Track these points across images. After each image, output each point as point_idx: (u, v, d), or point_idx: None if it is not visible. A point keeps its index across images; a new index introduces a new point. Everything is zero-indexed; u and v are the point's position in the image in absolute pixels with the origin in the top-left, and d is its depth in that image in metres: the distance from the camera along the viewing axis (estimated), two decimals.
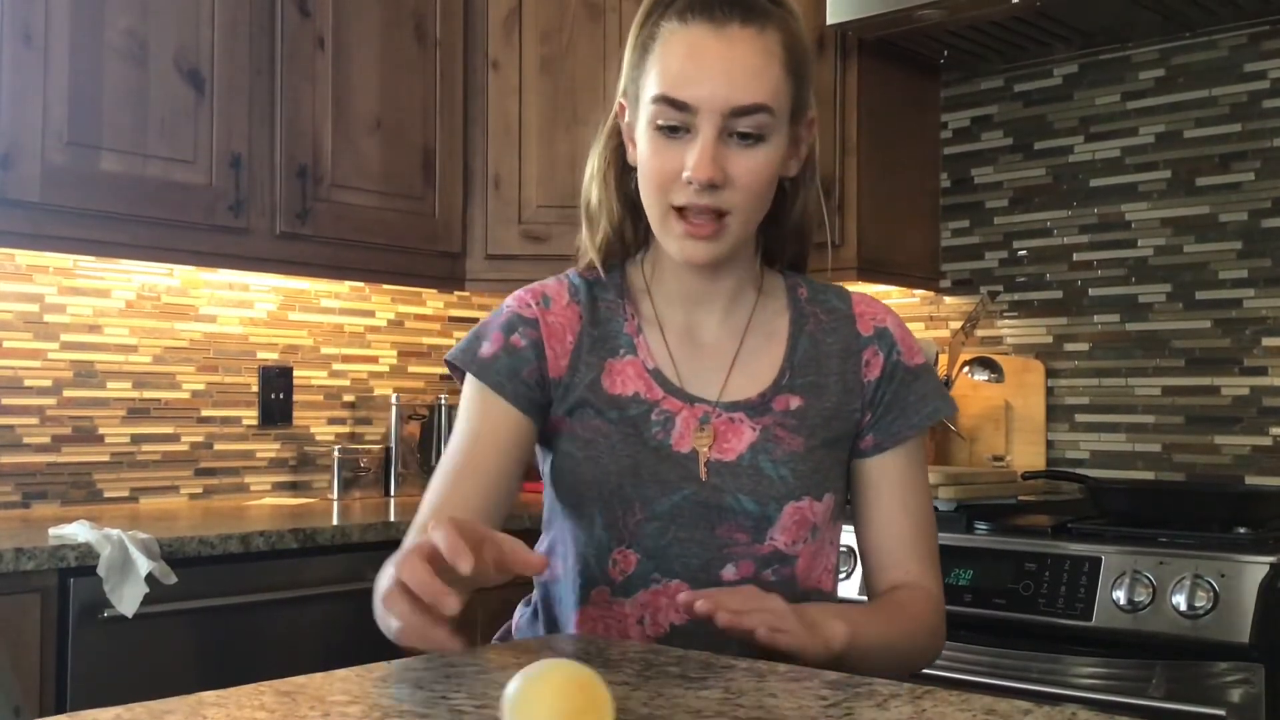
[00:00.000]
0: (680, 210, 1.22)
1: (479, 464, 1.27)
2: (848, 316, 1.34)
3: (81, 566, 2.03)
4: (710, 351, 1.31)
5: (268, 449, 3.00)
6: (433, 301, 3.36)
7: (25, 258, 2.59)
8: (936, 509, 2.30)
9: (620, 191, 1.32)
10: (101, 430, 2.72)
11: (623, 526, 1.26)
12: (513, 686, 0.78)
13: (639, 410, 1.28)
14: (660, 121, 1.21)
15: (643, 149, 1.24)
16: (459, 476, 1.26)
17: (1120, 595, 1.97)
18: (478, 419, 1.28)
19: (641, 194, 1.27)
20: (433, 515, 1.22)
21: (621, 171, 1.32)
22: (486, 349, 1.29)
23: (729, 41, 1.19)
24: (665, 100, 1.20)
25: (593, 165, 1.34)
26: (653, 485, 1.25)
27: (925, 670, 2.09)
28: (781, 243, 1.36)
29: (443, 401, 3.20)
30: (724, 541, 1.24)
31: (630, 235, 1.34)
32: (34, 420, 2.62)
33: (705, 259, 1.24)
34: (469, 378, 1.30)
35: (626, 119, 1.29)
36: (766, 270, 1.37)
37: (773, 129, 1.21)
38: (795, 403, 1.29)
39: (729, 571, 1.26)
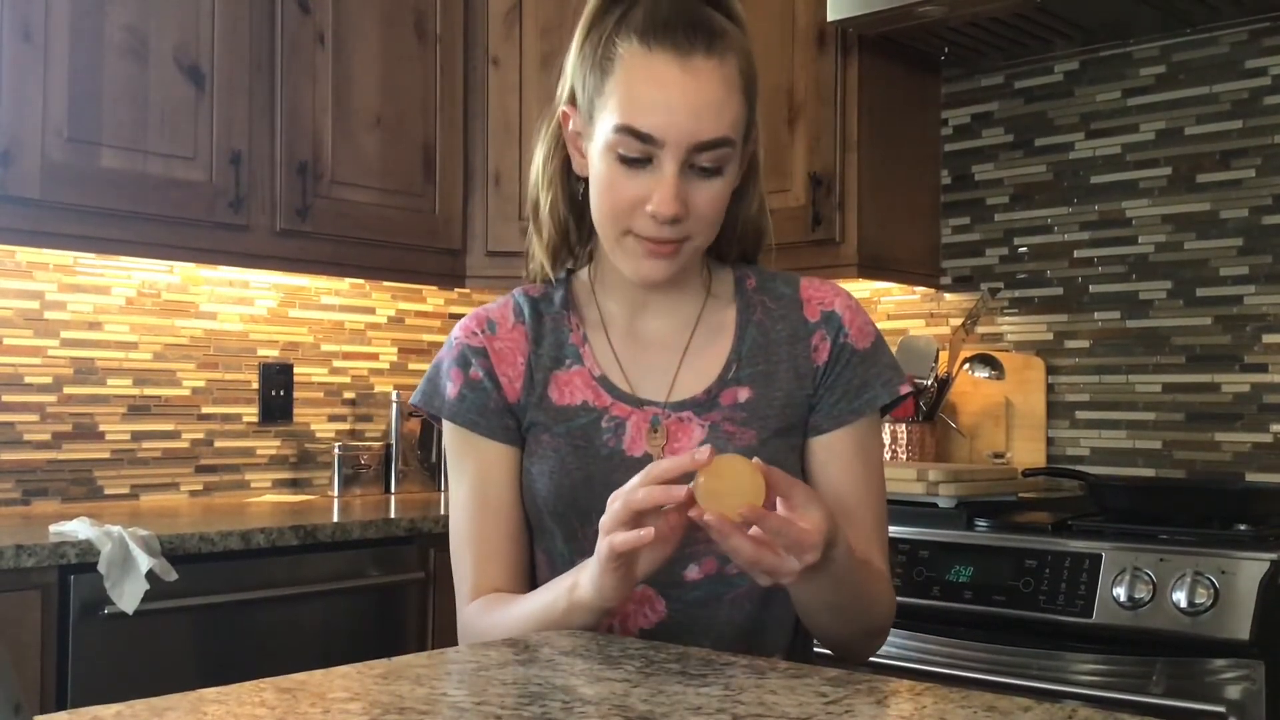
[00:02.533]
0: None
1: (492, 505, 1.29)
2: (795, 302, 1.32)
3: (82, 563, 2.03)
4: (657, 352, 1.31)
5: (268, 446, 3.01)
6: (433, 298, 3.36)
7: (25, 254, 2.59)
8: (937, 506, 2.33)
9: (566, 194, 1.31)
10: (102, 427, 2.72)
11: (582, 538, 1.25)
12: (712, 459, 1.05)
13: (588, 419, 1.28)
14: (622, 151, 1.20)
15: (599, 172, 1.23)
16: (482, 529, 1.29)
17: (1120, 592, 1.97)
18: (471, 463, 1.30)
19: (595, 216, 1.26)
20: (470, 562, 1.29)
21: (566, 175, 1.31)
22: (450, 390, 1.30)
23: (694, 75, 1.18)
24: (629, 131, 1.18)
25: (538, 168, 1.33)
26: (607, 494, 1.22)
27: (924, 667, 2.11)
28: (726, 242, 1.35)
29: None
30: (684, 542, 1.23)
31: (575, 239, 1.33)
32: (34, 417, 2.62)
33: (662, 278, 1.24)
34: (446, 422, 1.31)
35: (572, 127, 1.28)
36: (715, 267, 1.36)
37: (731, 159, 1.22)
38: (744, 394, 1.28)
39: (692, 571, 1.25)
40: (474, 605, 1.27)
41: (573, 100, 1.27)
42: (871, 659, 1.38)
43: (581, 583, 1.13)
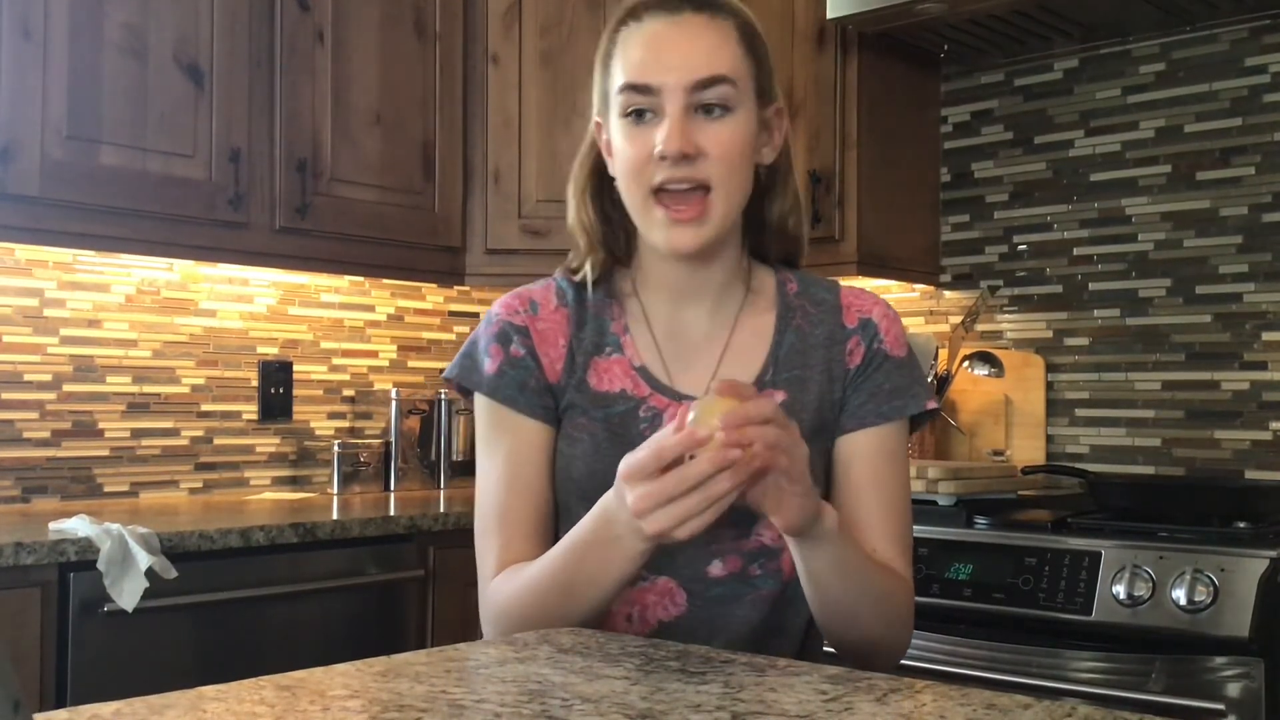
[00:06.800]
0: (659, 194, 1.23)
1: (523, 482, 1.28)
2: (835, 308, 1.33)
3: (81, 561, 2.03)
4: (698, 347, 1.32)
5: (267, 444, 3.00)
6: (432, 296, 3.36)
7: (25, 252, 2.59)
8: (936, 503, 2.33)
9: (599, 208, 1.33)
10: (101, 425, 2.72)
11: None
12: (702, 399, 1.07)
13: (626, 407, 1.28)
14: (628, 109, 1.24)
15: (617, 143, 1.26)
16: (511, 506, 1.28)
17: (1120, 590, 1.97)
18: (506, 440, 1.29)
19: (621, 190, 1.27)
20: (499, 537, 1.27)
21: (600, 188, 1.33)
22: (489, 365, 1.30)
23: (685, 27, 1.24)
24: (630, 87, 1.23)
25: (572, 186, 1.35)
26: None
27: (924, 664, 2.10)
28: (767, 240, 1.36)
29: (442, 396, 3.20)
30: (710, 538, 1.23)
31: (621, 249, 1.34)
32: (34, 415, 2.62)
33: (692, 244, 1.23)
34: (480, 398, 1.30)
35: (604, 136, 1.30)
36: (756, 266, 1.36)
37: (737, 101, 1.23)
38: (779, 398, 1.28)
39: (715, 567, 1.26)
40: (497, 579, 1.26)
41: (599, 111, 1.31)
42: None
43: (624, 538, 1.12)
